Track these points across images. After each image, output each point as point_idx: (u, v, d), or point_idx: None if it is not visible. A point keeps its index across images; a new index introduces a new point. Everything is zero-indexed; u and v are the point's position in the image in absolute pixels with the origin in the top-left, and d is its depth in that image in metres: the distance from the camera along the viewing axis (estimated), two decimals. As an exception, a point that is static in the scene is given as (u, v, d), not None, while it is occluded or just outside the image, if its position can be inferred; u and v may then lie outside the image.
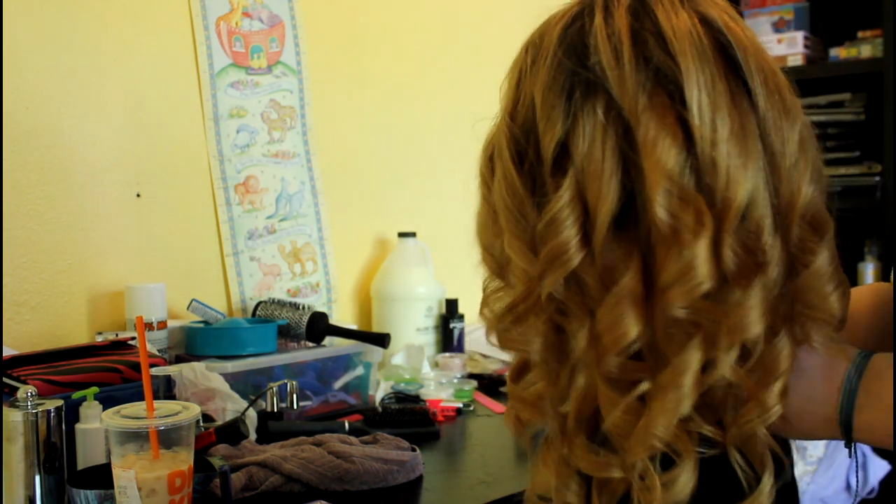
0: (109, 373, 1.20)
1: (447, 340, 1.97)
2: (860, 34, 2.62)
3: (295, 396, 1.49)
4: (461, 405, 1.63)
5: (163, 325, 1.51)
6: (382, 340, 1.65)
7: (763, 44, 0.70)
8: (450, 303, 1.98)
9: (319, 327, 1.64)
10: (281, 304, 1.67)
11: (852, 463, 1.91)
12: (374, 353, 1.68)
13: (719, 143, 0.64)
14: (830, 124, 2.57)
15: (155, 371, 1.24)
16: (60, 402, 1.04)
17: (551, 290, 0.66)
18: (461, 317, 1.98)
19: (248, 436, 1.22)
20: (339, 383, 1.62)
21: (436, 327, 1.97)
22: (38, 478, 1.01)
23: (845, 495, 1.93)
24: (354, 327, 1.84)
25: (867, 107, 2.57)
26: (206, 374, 1.33)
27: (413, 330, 1.93)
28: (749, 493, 0.67)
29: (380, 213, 2.05)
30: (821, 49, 2.71)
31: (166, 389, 1.24)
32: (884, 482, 1.97)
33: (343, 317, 1.97)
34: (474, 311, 1.98)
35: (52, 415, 1.02)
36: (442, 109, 2.15)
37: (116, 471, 0.92)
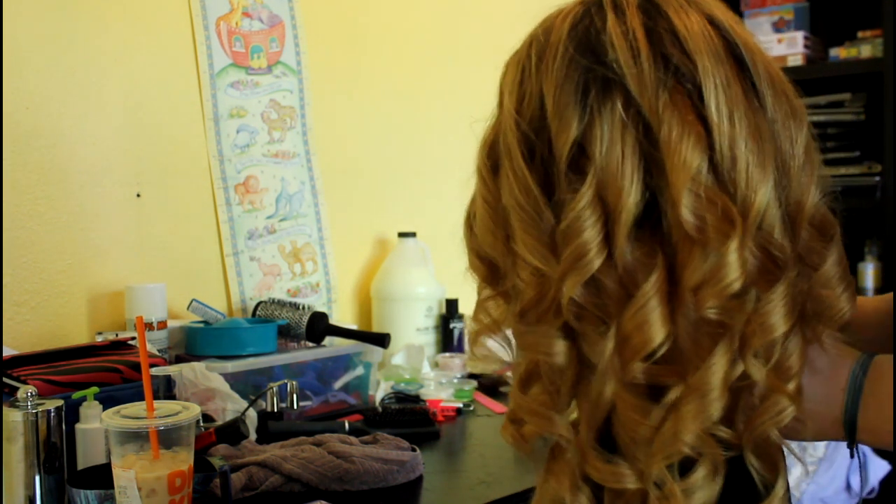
0: (109, 373, 1.20)
1: (447, 340, 1.97)
2: (860, 34, 2.62)
3: (295, 396, 1.49)
4: (461, 405, 1.63)
5: (163, 325, 1.51)
6: (382, 340, 1.65)
7: (762, 44, 0.70)
8: (450, 303, 1.98)
9: (319, 327, 1.64)
10: (281, 304, 1.67)
11: (852, 463, 1.91)
12: (374, 353, 1.68)
13: (738, 141, 0.64)
14: (830, 124, 2.57)
15: (155, 371, 1.24)
16: (60, 402, 1.04)
17: (573, 293, 0.64)
18: (461, 317, 1.98)
19: (248, 436, 1.22)
20: (339, 383, 1.62)
21: (436, 327, 1.97)
22: (38, 478, 1.01)
23: (845, 495, 1.93)
24: (354, 327, 1.84)
25: (867, 107, 2.57)
26: (206, 374, 1.33)
27: (413, 330, 1.93)
28: (765, 495, 0.67)
29: (380, 213, 2.05)
30: (821, 49, 2.71)
31: (166, 389, 1.24)
32: (884, 482, 1.97)
33: (343, 317, 1.97)
34: (474, 311, 1.98)
35: (52, 415, 1.02)
36: (442, 109, 2.15)
37: (116, 471, 0.92)
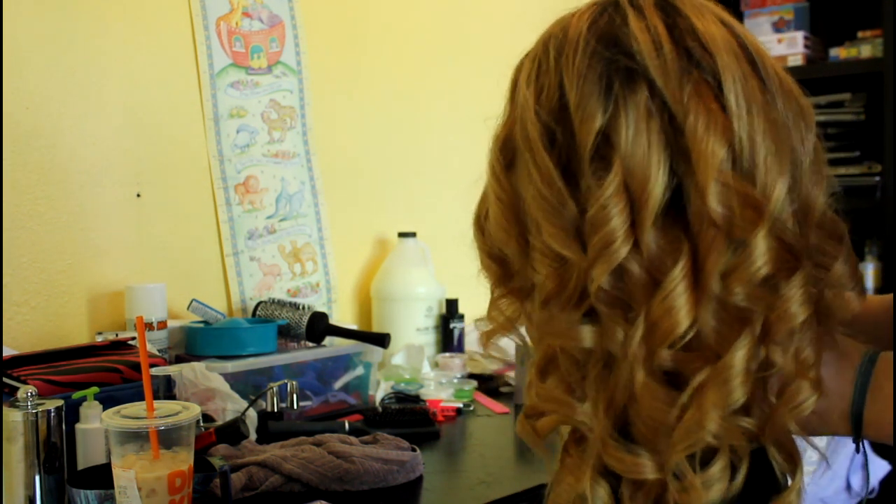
0: (109, 373, 1.20)
1: (447, 340, 1.97)
2: (860, 34, 2.62)
3: (295, 396, 1.49)
4: (461, 405, 1.63)
5: (163, 325, 1.51)
6: (382, 340, 1.65)
7: (763, 44, 0.72)
8: (450, 303, 1.98)
9: (319, 327, 1.64)
10: (281, 304, 1.67)
11: (853, 463, 1.91)
12: (374, 353, 1.68)
13: (756, 133, 0.65)
14: (830, 124, 2.57)
15: (155, 371, 1.24)
16: (60, 402, 1.04)
17: (601, 281, 0.65)
18: (461, 317, 1.98)
19: (248, 436, 1.22)
20: (339, 383, 1.62)
21: (436, 327, 1.97)
22: (38, 478, 1.01)
23: (845, 495, 1.93)
24: (354, 327, 1.84)
25: (867, 107, 2.57)
26: (206, 374, 1.33)
27: (413, 330, 1.93)
28: (784, 487, 0.68)
29: (380, 213, 2.06)
30: (821, 49, 2.71)
31: (166, 389, 1.24)
32: (884, 482, 1.97)
33: (343, 317, 1.97)
34: (474, 311, 1.98)
35: (52, 415, 1.02)
36: (442, 109, 2.15)
37: (116, 471, 0.92)
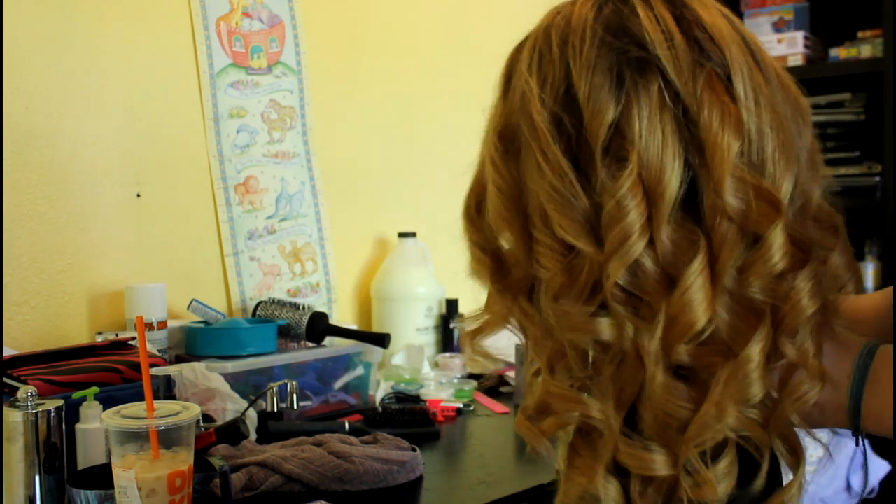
0: (109, 373, 1.20)
1: (447, 340, 1.97)
2: (860, 34, 2.62)
3: (295, 396, 1.49)
4: (461, 405, 1.63)
5: (163, 325, 1.51)
6: (382, 340, 1.65)
7: (762, 44, 0.72)
8: (450, 303, 1.98)
9: (319, 327, 1.64)
10: (281, 304, 1.67)
11: (853, 463, 1.91)
12: (374, 353, 1.68)
13: (765, 127, 0.65)
14: (830, 124, 2.57)
15: (155, 371, 1.24)
16: (60, 402, 1.04)
17: (617, 277, 0.64)
18: (461, 317, 1.98)
19: (248, 436, 1.22)
20: (339, 383, 1.62)
21: (436, 327, 1.97)
22: (38, 478, 1.01)
23: (845, 495, 1.93)
24: (354, 327, 1.84)
25: (867, 107, 2.57)
26: (206, 374, 1.33)
27: (413, 330, 1.93)
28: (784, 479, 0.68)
29: (380, 213, 2.05)
30: (821, 49, 2.71)
31: (166, 389, 1.24)
32: (884, 482, 1.97)
33: (343, 317, 1.97)
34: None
35: (52, 415, 1.02)
36: (442, 109, 2.15)
37: (116, 471, 0.92)
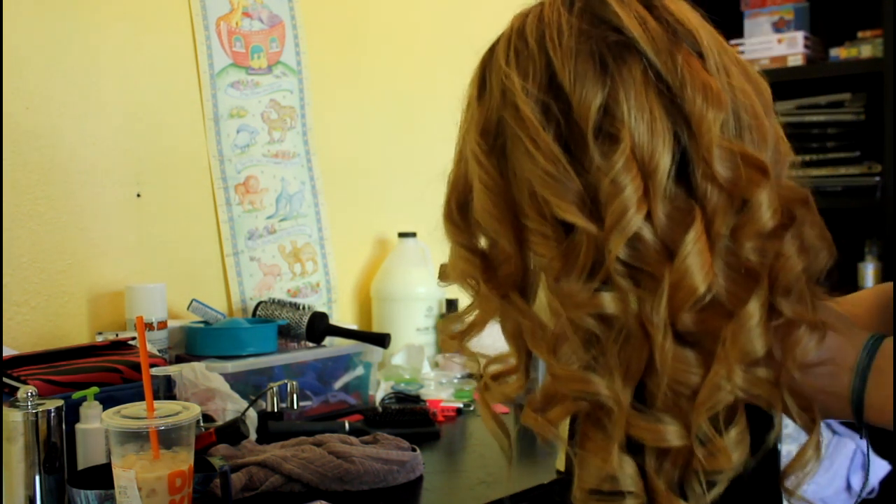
0: (109, 373, 1.20)
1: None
2: (860, 34, 2.62)
3: (295, 396, 1.48)
4: (461, 405, 1.63)
5: (163, 325, 1.51)
6: (382, 340, 1.65)
7: (763, 44, 0.74)
8: (450, 303, 1.98)
9: (319, 327, 1.64)
10: (281, 304, 1.67)
11: (853, 463, 1.91)
12: (374, 353, 1.68)
13: (739, 105, 0.69)
14: (830, 124, 2.57)
15: (155, 371, 1.24)
16: (60, 402, 1.04)
17: (618, 252, 0.66)
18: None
19: (248, 436, 1.22)
20: (339, 383, 1.62)
21: (436, 327, 1.97)
22: (38, 478, 1.01)
23: (845, 495, 1.93)
24: (354, 327, 1.84)
25: (867, 107, 2.57)
26: (206, 374, 1.33)
27: (413, 330, 1.93)
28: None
29: (380, 213, 2.05)
30: (821, 49, 2.71)
31: (166, 389, 1.25)
32: (884, 482, 1.97)
33: (343, 317, 1.97)
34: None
35: (53, 415, 1.02)
36: (442, 109, 2.15)
37: (116, 471, 0.92)
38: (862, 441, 2.01)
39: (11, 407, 1.01)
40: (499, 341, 0.79)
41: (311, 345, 1.66)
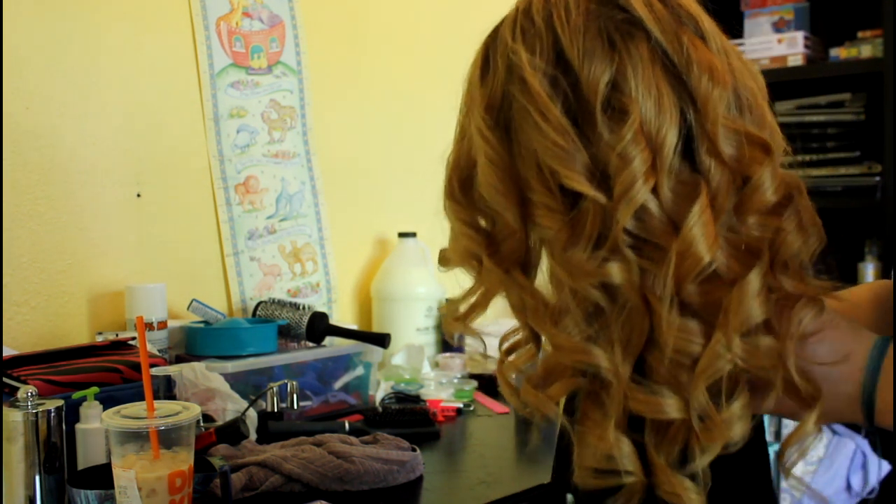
0: (109, 373, 1.20)
1: (447, 340, 1.97)
2: (860, 34, 2.62)
3: (295, 396, 1.48)
4: (461, 405, 1.63)
5: (163, 325, 1.51)
6: (382, 340, 1.65)
7: (763, 44, 0.76)
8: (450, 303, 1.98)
9: (319, 327, 1.64)
10: (281, 304, 1.67)
11: (853, 463, 1.91)
12: (374, 353, 1.68)
13: (740, 87, 0.71)
14: (830, 124, 2.57)
15: (155, 371, 1.24)
16: (60, 402, 1.04)
17: (626, 223, 0.67)
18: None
19: (248, 436, 1.22)
20: (339, 383, 1.62)
21: (436, 327, 1.97)
22: (38, 478, 1.01)
23: (845, 495, 1.93)
24: (354, 327, 1.84)
25: (867, 107, 2.57)
26: (206, 374, 1.33)
27: (413, 330, 1.93)
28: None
29: (380, 213, 2.05)
30: (821, 49, 2.71)
31: (166, 389, 1.24)
32: (884, 482, 1.97)
33: (343, 317, 1.97)
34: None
35: (53, 415, 1.02)
36: (442, 109, 2.15)
37: (116, 471, 0.92)
38: (862, 441, 2.01)
39: (11, 407, 1.01)
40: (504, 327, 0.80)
41: (311, 345, 1.66)
